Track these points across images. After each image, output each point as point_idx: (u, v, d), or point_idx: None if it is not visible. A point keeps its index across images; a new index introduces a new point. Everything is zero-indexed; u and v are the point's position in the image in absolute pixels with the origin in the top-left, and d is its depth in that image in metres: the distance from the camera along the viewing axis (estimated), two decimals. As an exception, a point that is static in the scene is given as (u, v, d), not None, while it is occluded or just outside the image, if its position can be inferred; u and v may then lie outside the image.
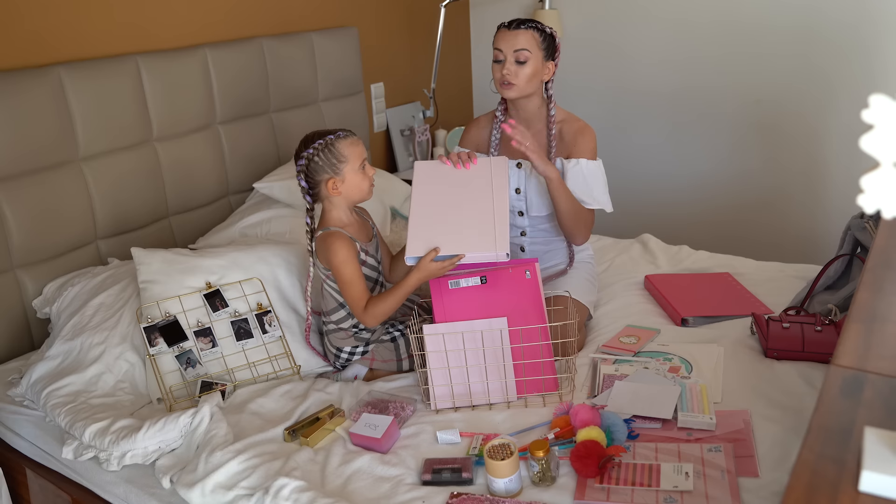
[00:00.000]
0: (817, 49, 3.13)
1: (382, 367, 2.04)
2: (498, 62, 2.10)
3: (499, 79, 2.11)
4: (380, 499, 1.53)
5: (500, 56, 2.10)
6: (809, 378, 1.83)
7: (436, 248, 1.81)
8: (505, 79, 2.09)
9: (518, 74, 2.08)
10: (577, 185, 2.14)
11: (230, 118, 2.73)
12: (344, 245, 1.90)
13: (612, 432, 1.61)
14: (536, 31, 2.10)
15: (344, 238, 1.91)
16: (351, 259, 1.90)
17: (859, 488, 0.89)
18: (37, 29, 2.21)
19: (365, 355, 2.04)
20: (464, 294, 1.89)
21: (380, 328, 2.05)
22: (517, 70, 2.08)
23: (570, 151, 2.18)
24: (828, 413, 1.05)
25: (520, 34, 2.08)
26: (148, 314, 1.99)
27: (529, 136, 2.00)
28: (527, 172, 2.20)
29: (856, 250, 2.20)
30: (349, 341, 2.02)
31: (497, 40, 2.11)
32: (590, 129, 2.20)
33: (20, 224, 2.14)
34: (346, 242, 1.90)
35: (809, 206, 3.33)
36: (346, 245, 1.90)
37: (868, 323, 1.30)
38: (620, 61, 3.61)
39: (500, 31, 2.12)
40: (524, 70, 2.08)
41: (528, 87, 2.11)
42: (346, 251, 1.90)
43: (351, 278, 1.90)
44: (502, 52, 2.09)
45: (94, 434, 1.75)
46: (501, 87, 2.11)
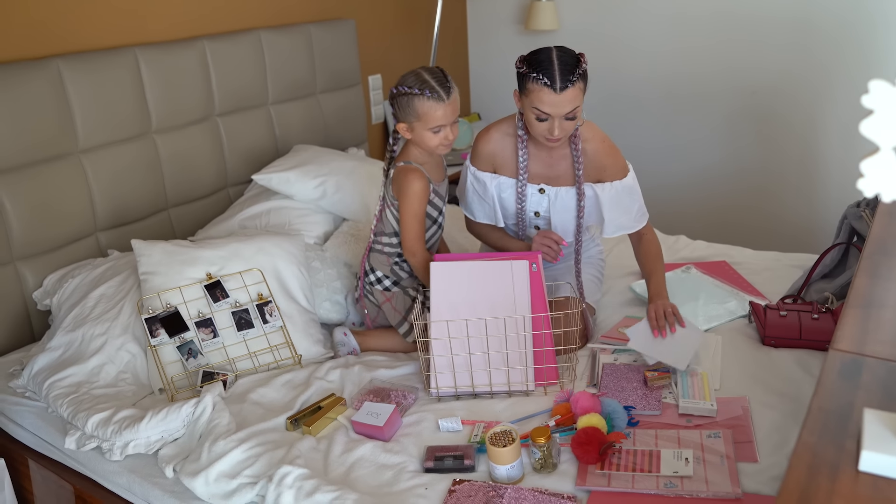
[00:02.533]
0: (813, 39, 3.14)
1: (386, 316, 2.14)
2: (542, 120, 1.89)
3: (544, 135, 1.91)
4: (382, 486, 1.55)
5: (543, 117, 1.88)
6: (806, 365, 1.85)
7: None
8: (553, 136, 1.90)
9: (567, 129, 1.91)
10: (615, 211, 2.05)
11: (229, 110, 2.73)
12: (419, 182, 1.99)
13: (613, 419, 1.63)
14: (581, 79, 1.87)
15: (421, 175, 2.00)
16: (423, 197, 2.00)
17: (859, 468, 0.91)
18: (35, 21, 2.20)
19: (387, 291, 2.12)
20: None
21: (412, 280, 2.14)
22: (567, 126, 1.90)
23: (599, 175, 2.05)
24: (827, 396, 1.07)
25: (568, 94, 1.84)
26: (149, 305, 2.00)
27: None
28: (550, 198, 2.08)
29: (852, 239, 2.22)
30: (385, 268, 2.13)
31: (540, 102, 1.85)
32: (615, 149, 2.06)
33: (20, 216, 2.14)
34: (422, 180, 1.99)
35: (806, 195, 3.34)
36: (421, 182, 1.99)
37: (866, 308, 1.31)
38: (617, 52, 3.61)
39: (543, 93, 1.84)
40: (573, 123, 1.91)
41: (572, 131, 1.96)
42: (421, 189, 1.99)
43: (416, 213, 2.01)
44: (549, 115, 1.87)
45: (96, 424, 1.75)
46: (547, 142, 1.93)
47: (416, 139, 1.98)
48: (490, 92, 4.07)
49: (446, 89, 1.93)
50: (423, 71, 1.95)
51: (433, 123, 1.93)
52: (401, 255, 2.11)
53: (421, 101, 1.92)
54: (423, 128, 1.94)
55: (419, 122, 1.94)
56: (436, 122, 1.93)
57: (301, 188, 2.59)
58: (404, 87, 1.93)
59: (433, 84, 1.92)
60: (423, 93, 1.91)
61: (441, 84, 1.92)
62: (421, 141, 1.97)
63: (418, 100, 1.92)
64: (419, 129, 1.95)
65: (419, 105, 1.92)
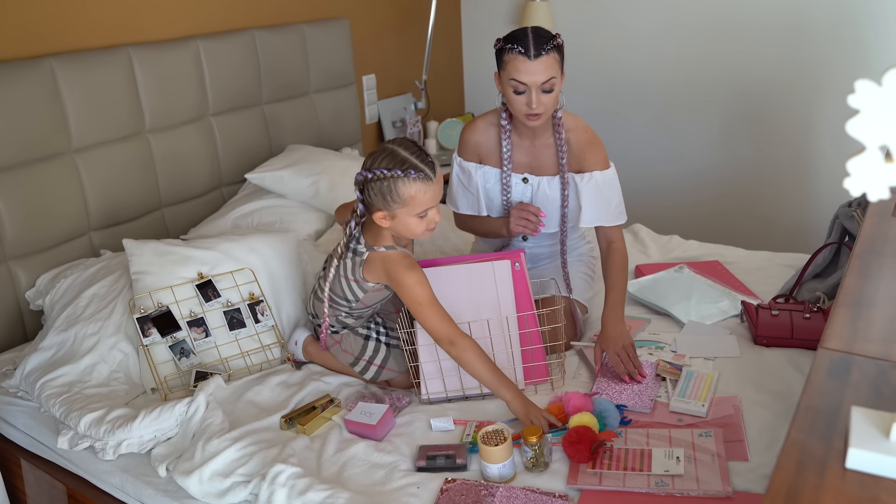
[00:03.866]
0: (807, 39, 3.15)
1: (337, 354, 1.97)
2: (520, 93, 1.88)
3: (523, 111, 1.90)
4: (375, 485, 1.55)
5: (521, 88, 1.87)
6: (798, 364, 1.86)
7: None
8: (532, 111, 1.89)
9: (546, 103, 1.89)
10: (593, 202, 2.03)
11: (222, 110, 2.73)
12: (414, 271, 1.73)
13: (605, 418, 1.64)
14: (556, 51, 1.88)
15: (411, 262, 1.76)
16: (424, 281, 1.73)
17: (846, 465, 0.92)
18: (29, 20, 2.20)
19: (335, 335, 1.94)
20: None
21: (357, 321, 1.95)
22: (545, 99, 1.89)
23: (580, 165, 2.04)
24: (816, 394, 1.07)
25: (543, 62, 1.84)
26: (140, 305, 2.00)
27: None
28: (534, 188, 2.08)
29: (844, 238, 2.23)
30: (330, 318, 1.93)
31: (517, 71, 1.85)
32: (598, 140, 2.04)
33: (13, 216, 2.14)
34: (415, 268, 1.75)
35: (798, 195, 3.35)
36: (416, 271, 1.74)
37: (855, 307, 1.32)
38: (611, 52, 3.62)
39: (518, 61, 1.85)
40: (552, 97, 1.89)
41: (552, 110, 1.95)
42: (419, 276, 1.73)
43: (428, 299, 1.73)
44: (525, 84, 1.86)
45: (89, 424, 1.75)
46: (527, 118, 1.91)
47: (397, 226, 1.74)
48: (484, 92, 4.08)
49: (431, 166, 1.70)
50: (397, 148, 1.69)
51: (421, 208, 1.70)
52: (348, 312, 1.90)
53: (405, 183, 1.66)
54: (409, 214, 1.70)
55: (404, 207, 1.69)
56: (424, 206, 1.70)
57: (294, 187, 2.59)
58: (382, 171, 1.66)
59: (416, 162, 1.67)
60: (408, 174, 1.66)
61: (423, 160, 1.69)
62: (404, 228, 1.73)
63: (402, 183, 1.66)
64: (403, 215, 1.70)
65: (403, 189, 1.66)
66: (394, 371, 1.93)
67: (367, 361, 1.93)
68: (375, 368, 1.93)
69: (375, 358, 1.93)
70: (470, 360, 1.71)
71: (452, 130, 3.78)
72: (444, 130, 3.79)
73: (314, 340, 2.04)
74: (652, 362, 1.89)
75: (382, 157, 1.68)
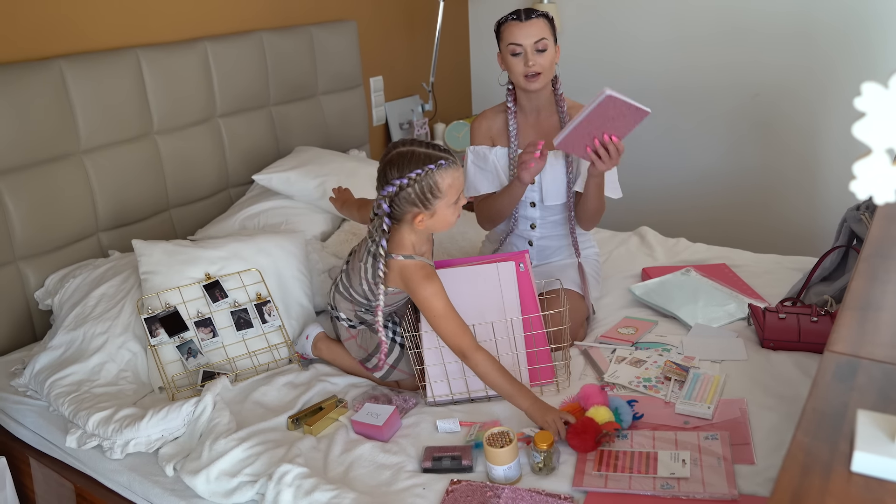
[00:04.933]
0: (815, 43, 3.14)
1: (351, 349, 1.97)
2: (517, 55, 2.06)
3: (522, 72, 2.06)
4: (381, 486, 1.55)
5: (518, 50, 2.05)
6: (805, 368, 1.85)
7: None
8: (530, 70, 2.05)
9: (541, 63, 2.05)
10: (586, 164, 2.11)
11: (230, 111, 2.74)
12: (433, 282, 1.73)
13: (619, 413, 1.65)
14: (545, 18, 2.09)
15: (431, 273, 1.76)
16: (442, 293, 1.73)
17: (851, 469, 0.91)
18: (38, 22, 2.22)
19: (352, 329, 1.95)
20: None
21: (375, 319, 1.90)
22: (540, 59, 2.05)
23: None
24: (822, 397, 1.07)
25: (534, 24, 2.05)
26: (148, 305, 2.01)
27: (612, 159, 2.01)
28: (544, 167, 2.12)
29: (852, 242, 2.22)
30: (349, 313, 1.94)
31: (512, 34, 2.06)
32: None
33: (22, 216, 2.16)
34: (434, 279, 1.74)
35: (806, 198, 3.34)
36: (435, 282, 1.74)
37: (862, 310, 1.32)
38: (619, 53, 3.62)
39: (512, 25, 2.07)
40: (546, 58, 2.06)
41: (550, 75, 2.10)
42: (437, 287, 1.73)
43: (445, 311, 1.72)
44: (521, 45, 2.04)
45: (97, 423, 1.76)
46: (526, 79, 2.06)
47: (436, 222, 1.75)
48: (492, 93, 4.08)
49: (451, 154, 1.74)
50: (413, 148, 1.71)
51: (457, 193, 1.73)
52: (367, 309, 1.91)
53: (442, 175, 1.69)
54: (447, 204, 1.72)
55: (444, 199, 1.71)
56: (459, 191, 1.74)
57: (302, 188, 2.60)
58: (416, 172, 1.67)
59: (439, 153, 1.71)
60: (440, 165, 1.69)
61: (443, 150, 1.73)
62: (441, 221, 1.75)
63: (439, 176, 1.69)
64: (442, 208, 1.72)
65: (441, 181, 1.69)
66: (404, 373, 1.94)
67: (378, 360, 1.92)
68: (387, 368, 1.93)
69: (388, 357, 1.92)
70: (486, 373, 1.71)
71: (459, 132, 3.78)
72: (451, 132, 3.79)
73: (326, 337, 2.05)
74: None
75: (407, 163, 1.69)
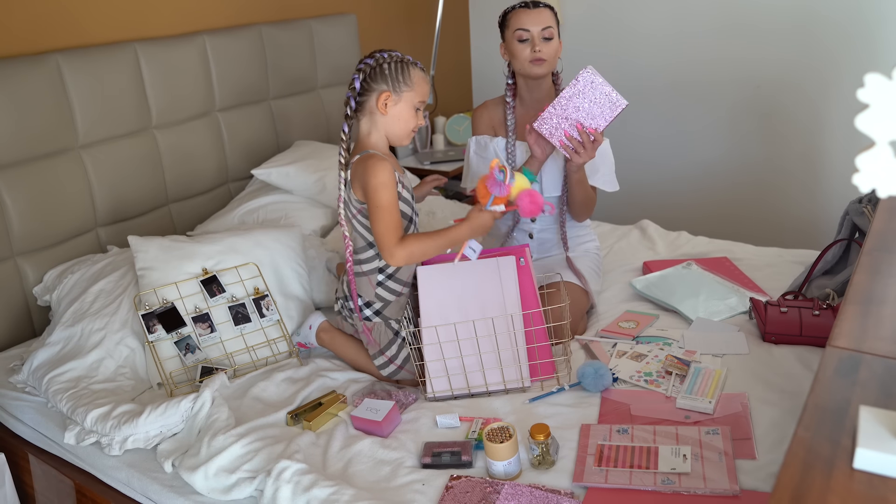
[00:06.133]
0: (817, 34, 3.12)
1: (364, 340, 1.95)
2: (523, 41, 2.10)
3: (528, 57, 2.10)
4: (380, 481, 1.55)
5: (525, 36, 2.09)
6: (807, 362, 1.84)
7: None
8: (536, 56, 2.09)
9: (547, 50, 2.09)
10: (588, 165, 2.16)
11: (229, 105, 2.72)
12: (385, 168, 1.75)
13: (600, 377, 1.76)
14: (551, 10, 2.14)
15: (385, 162, 1.77)
16: (391, 184, 1.76)
17: (853, 465, 0.90)
18: (34, 16, 2.20)
19: (367, 321, 1.92)
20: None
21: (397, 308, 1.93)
22: (546, 47, 2.09)
23: None
24: (823, 393, 1.06)
25: (541, 12, 2.11)
26: (146, 301, 2.00)
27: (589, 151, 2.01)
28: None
29: (854, 235, 2.21)
30: (369, 291, 1.90)
31: (520, 21, 2.10)
32: None
33: (20, 212, 2.15)
34: (387, 166, 1.76)
35: (808, 191, 3.33)
36: (387, 168, 1.75)
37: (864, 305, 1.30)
38: (621, 46, 3.60)
39: (520, 12, 2.12)
40: (551, 47, 2.10)
41: (554, 62, 2.14)
42: (388, 175, 1.75)
43: (388, 204, 1.75)
44: (528, 31, 2.09)
45: (95, 419, 1.76)
46: (532, 64, 2.10)
47: (394, 116, 1.81)
48: (492, 87, 4.06)
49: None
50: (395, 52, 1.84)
51: (421, 97, 1.83)
52: (382, 269, 1.89)
53: (415, 69, 1.82)
54: (411, 100, 1.81)
55: (410, 91, 1.80)
56: (423, 97, 1.83)
57: (301, 183, 2.59)
58: (396, 54, 1.80)
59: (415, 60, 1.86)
60: (416, 63, 1.84)
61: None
62: (400, 118, 1.81)
63: (413, 69, 1.81)
64: (406, 101, 1.80)
65: (415, 73, 1.81)
66: (409, 373, 1.94)
67: (388, 359, 1.92)
68: (394, 368, 1.92)
69: (397, 358, 1.92)
70: (415, 255, 1.78)
71: (460, 126, 3.77)
72: (451, 126, 3.77)
73: (330, 327, 2.04)
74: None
75: (387, 51, 1.82)
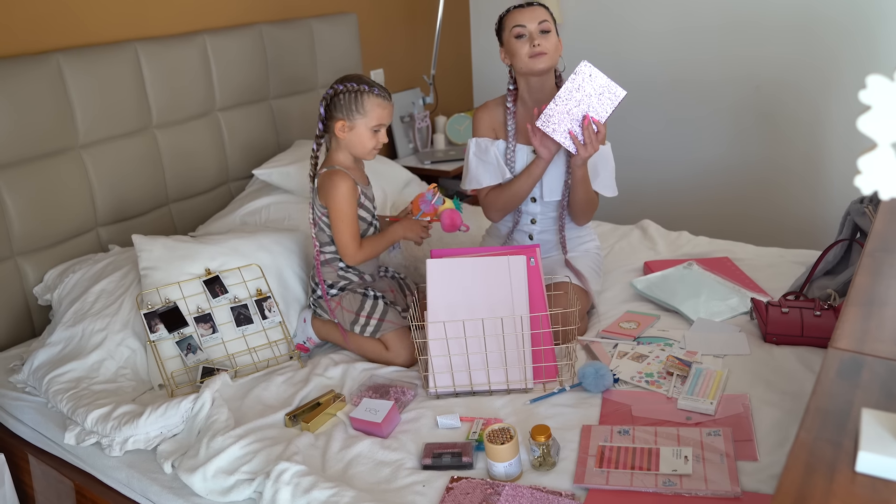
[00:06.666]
0: (817, 35, 3.11)
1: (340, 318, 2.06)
2: (521, 38, 2.10)
3: (528, 52, 2.09)
4: (380, 483, 1.54)
5: (523, 32, 2.10)
6: (808, 363, 1.84)
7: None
8: (536, 50, 2.08)
9: (546, 45, 2.09)
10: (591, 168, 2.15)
11: (230, 105, 2.72)
12: (346, 183, 1.97)
13: (601, 377, 1.76)
14: (545, 8, 2.14)
15: (346, 177, 1.98)
16: (350, 198, 1.98)
17: (856, 468, 0.90)
18: (35, 15, 2.20)
19: (334, 297, 2.06)
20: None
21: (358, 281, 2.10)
22: (544, 41, 2.09)
23: None
24: (825, 395, 1.05)
25: (536, 9, 2.12)
26: (148, 301, 2.00)
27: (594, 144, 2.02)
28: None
29: (855, 235, 2.20)
30: (332, 275, 2.08)
31: (516, 18, 2.11)
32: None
33: (21, 211, 2.14)
34: (348, 181, 1.98)
35: (809, 191, 3.32)
36: (348, 184, 1.98)
37: (866, 306, 1.30)
38: (621, 46, 3.59)
39: (514, 12, 2.13)
40: (551, 39, 2.10)
41: (555, 57, 2.12)
42: (348, 189, 1.97)
43: (347, 215, 1.98)
44: (525, 27, 2.09)
45: (96, 420, 1.75)
46: (532, 59, 2.09)
47: (352, 139, 1.99)
48: (493, 86, 4.06)
49: (387, 91, 2.01)
50: (361, 76, 2.01)
51: (376, 122, 1.97)
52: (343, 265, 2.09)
53: (369, 97, 1.96)
54: (366, 125, 1.97)
55: (363, 118, 1.96)
56: (379, 121, 1.98)
57: (302, 183, 2.59)
58: (351, 84, 1.96)
59: (377, 84, 2.00)
60: (372, 90, 1.97)
61: (382, 87, 2.00)
62: (358, 141, 1.99)
63: (367, 96, 1.96)
64: (360, 126, 1.97)
65: (367, 101, 1.96)
66: (393, 323, 2.02)
67: (366, 317, 2.02)
68: (375, 322, 2.01)
69: (374, 312, 2.02)
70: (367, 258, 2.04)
71: (461, 125, 3.77)
72: (452, 125, 3.77)
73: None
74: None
75: (349, 78, 1.99)
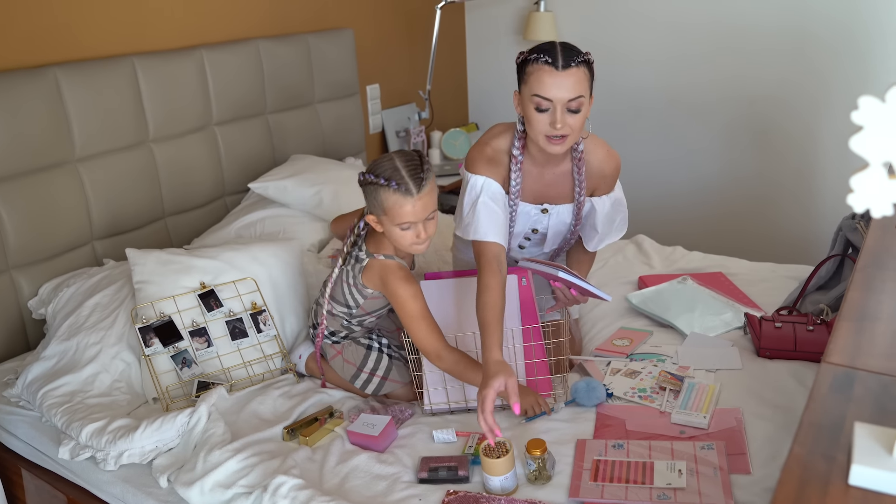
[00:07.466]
0: (810, 51, 3.15)
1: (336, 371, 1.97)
2: (542, 111, 1.68)
3: (545, 132, 1.69)
4: (377, 496, 1.55)
5: (545, 105, 1.67)
6: (801, 377, 1.85)
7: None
8: (556, 131, 1.68)
9: (571, 125, 1.69)
10: (601, 220, 1.96)
11: (226, 119, 2.73)
12: (409, 284, 1.75)
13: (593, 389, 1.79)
14: (586, 66, 1.69)
15: (407, 275, 1.78)
16: (417, 296, 1.75)
17: (849, 482, 0.91)
18: (32, 29, 2.21)
19: (336, 344, 1.95)
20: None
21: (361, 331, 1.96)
22: (570, 120, 1.68)
23: (595, 185, 1.93)
24: (818, 409, 1.07)
25: (571, 75, 1.65)
26: (143, 314, 2.00)
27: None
28: (551, 216, 1.95)
29: (847, 251, 2.22)
30: (336, 325, 1.94)
31: (541, 85, 1.65)
32: (615, 159, 1.93)
33: (16, 225, 2.14)
34: (411, 281, 1.76)
35: (802, 207, 3.35)
36: (411, 284, 1.76)
37: (858, 321, 1.32)
38: (615, 63, 3.62)
39: (543, 72, 1.65)
40: (578, 119, 1.68)
41: (577, 136, 1.73)
42: (414, 289, 1.75)
43: (421, 314, 1.75)
44: (551, 101, 1.66)
45: (90, 434, 1.75)
46: (549, 140, 1.70)
47: (387, 234, 1.76)
48: (488, 101, 4.09)
49: (417, 181, 1.67)
50: (396, 157, 1.70)
51: (399, 220, 1.70)
52: (352, 317, 1.91)
53: (386, 193, 1.67)
54: (391, 223, 1.71)
55: (386, 216, 1.71)
56: (402, 220, 1.69)
57: (298, 197, 2.60)
58: (371, 175, 1.69)
59: (403, 174, 1.66)
60: (390, 184, 1.66)
61: (413, 175, 1.67)
62: (391, 237, 1.75)
63: (384, 191, 1.67)
64: (387, 223, 1.73)
65: (384, 198, 1.68)
66: (396, 382, 1.93)
67: (369, 373, 1.92)
68: (378, 380, 1.92)
69: (378, 369, 1.92)
70: (453, 371, 1.76)
71: (456, 140, 3.79)
72: (447, 140, 3.79)
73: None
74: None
75: (381, 163, 1.71)
